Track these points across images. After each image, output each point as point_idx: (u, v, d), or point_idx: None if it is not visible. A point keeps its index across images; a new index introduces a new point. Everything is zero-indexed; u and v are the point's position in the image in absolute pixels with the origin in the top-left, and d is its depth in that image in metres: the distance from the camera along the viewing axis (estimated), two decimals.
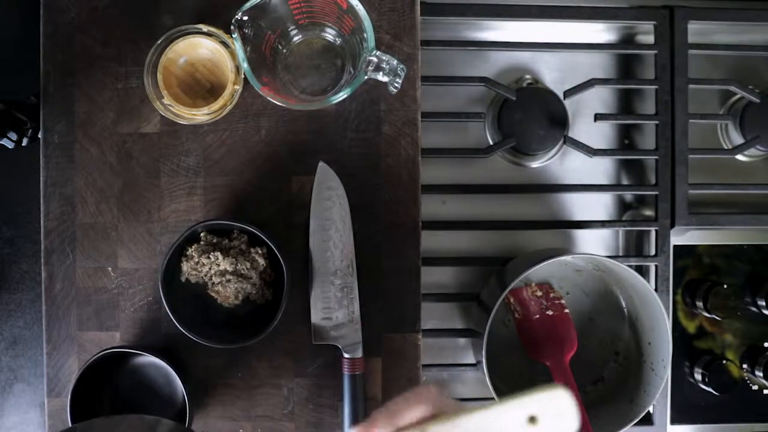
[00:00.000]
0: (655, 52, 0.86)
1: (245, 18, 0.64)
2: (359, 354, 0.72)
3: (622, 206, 0.92)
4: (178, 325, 0.67)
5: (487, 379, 0.74)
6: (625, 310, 0.86)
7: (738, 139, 0.90)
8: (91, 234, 0.73)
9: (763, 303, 0.87)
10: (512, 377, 0.84)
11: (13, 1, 0.84)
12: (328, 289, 0.73)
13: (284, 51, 0.73)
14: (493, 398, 0.75)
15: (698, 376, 0.87)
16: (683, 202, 0.85)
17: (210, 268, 0.69)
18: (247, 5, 0.63)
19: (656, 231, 0.86)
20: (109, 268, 0.73)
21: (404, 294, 0.74)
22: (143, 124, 0.74)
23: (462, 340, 0.89)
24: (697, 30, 0.86)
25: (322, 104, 0.66)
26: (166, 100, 0.68)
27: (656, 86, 0.86)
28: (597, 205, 0.91)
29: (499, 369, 0.82)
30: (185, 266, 0.70)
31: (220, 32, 0.69)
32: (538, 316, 0.83)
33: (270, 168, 0.74)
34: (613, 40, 0.92)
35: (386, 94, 0.74)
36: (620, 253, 0.91)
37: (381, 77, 0.65)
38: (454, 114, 0.88)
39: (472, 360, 0.87)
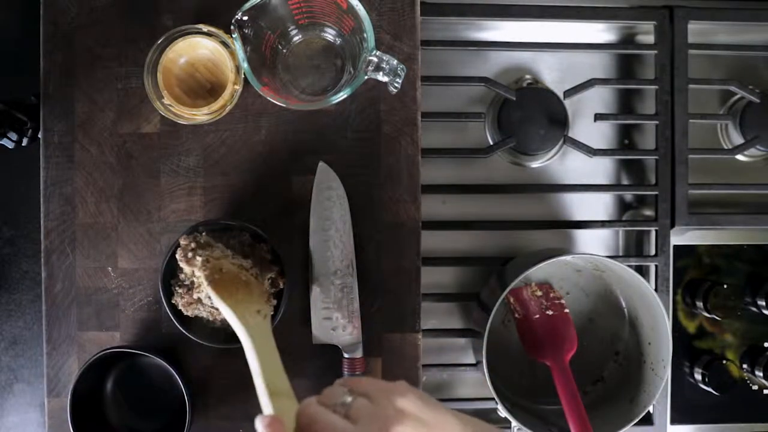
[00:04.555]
0: (655, 52, 0.86)
1: (245, 18, 0.64)
2: (359, 354, 0.72)
3: (622, 206, 0.92)
4: (178, 325, 0.67)
5: (487, 379, 0.74)
6: (625, 310, 0.86)
7: (738, 139, 0.90)
8: (91, 234, 0.73)
9: (763, 303, 0.87)
10: (512, 377, 0.84)
11: (13, 1, 0.84)
12: (328, 289, 0.73)
13: (284, 51, 0.73)
14: (493, 398, 0.75)
15: (698, 376, 0.87)
16: (683, 202, 0.85)
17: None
18: (247, 5, 0.63)
19: (656, 231, 0.86)
20: (109, 268, 0.73)
21: (404, 294, 0.74)
22: (143, 124, 0.74)
23: (462, 340, 0.89)
24: (697, 30, 0.86)
25: (322, 104, 0.66)
26: (166, 100, 0.68)
27: (656, 86, 0.86)
28: (597, 205, 0.91)
29: (499, 369, 0.82)
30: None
31: (220, 32, 0.68)
32: (538, 316, 0.83)
33: (270, 168, 0.74)
34: (613, 40, 0.92)
35: (386, 94, 0.74)
36: (620, 253, 0.91)
37: (381, 77, 0.65)
38: (454, 114, 0.88)
39: (472, 360, 0.87)
